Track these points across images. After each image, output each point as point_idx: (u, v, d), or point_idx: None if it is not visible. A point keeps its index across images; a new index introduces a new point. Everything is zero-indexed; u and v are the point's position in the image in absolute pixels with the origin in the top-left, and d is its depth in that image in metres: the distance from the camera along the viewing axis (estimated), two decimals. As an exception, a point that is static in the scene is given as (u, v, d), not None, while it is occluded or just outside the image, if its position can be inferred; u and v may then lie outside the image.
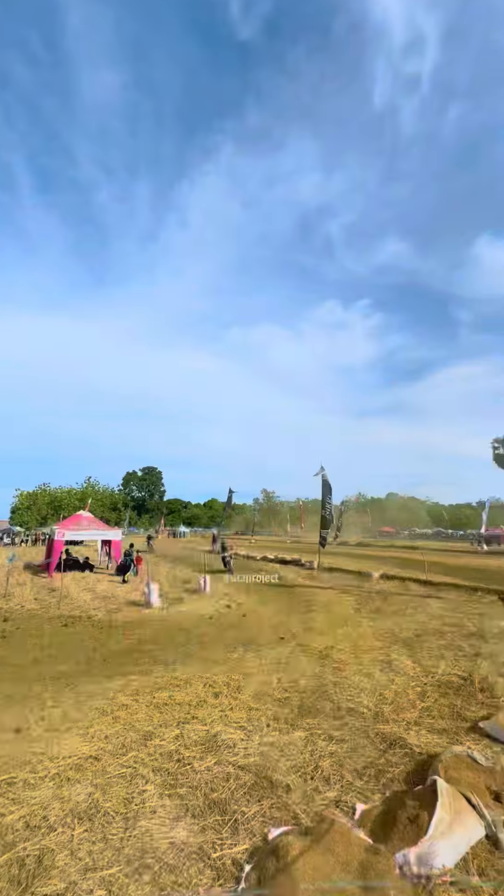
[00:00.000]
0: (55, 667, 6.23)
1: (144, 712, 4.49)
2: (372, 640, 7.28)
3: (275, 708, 4.61)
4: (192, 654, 6.71)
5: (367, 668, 5.86)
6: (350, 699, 4.80)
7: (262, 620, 9.21)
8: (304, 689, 5.12)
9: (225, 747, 3.77)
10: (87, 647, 7.30)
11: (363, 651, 6.67)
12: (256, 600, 11.83)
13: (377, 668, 5.82)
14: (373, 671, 5.71)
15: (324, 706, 4.64)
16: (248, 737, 3.97)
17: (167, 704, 4.69)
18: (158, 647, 7.23)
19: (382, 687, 5.14)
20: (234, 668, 5.90)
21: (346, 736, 3.97)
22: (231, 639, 7.66)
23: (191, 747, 3.77)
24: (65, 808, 2.97)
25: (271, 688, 5.18)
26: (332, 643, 7.11)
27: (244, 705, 4.67)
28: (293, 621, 9.05)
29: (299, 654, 6.56)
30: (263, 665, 6.04)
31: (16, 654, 6.96)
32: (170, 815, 2.87)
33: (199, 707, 4.64)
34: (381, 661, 6.13)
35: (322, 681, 5.39)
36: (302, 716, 4.42)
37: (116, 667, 6.17)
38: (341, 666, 5.94)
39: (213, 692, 5.03)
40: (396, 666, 5.89)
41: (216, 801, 3.02)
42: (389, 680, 5.37)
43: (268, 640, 7.54)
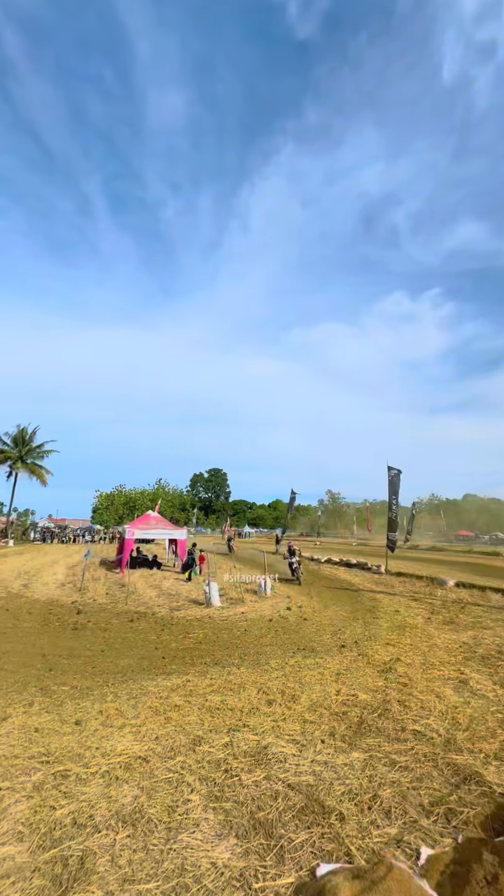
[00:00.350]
0: (118, 661, 6.42)
1: (196, 715, 4.42)
2: (443, 655, 6.64)
3: (331, 722, 4.31)
4: (248, 658, 6.58)
5: (437, 686, 5.32)
6: (417, 720, 4.36)
7: (324, 626, 8.85)
8: (365, 705, 4.75)
9: (275, 761, 3.57)
10: (149, 644, 7.47)
11: (433, 666, 6.09)
12: (318, 604, 11.45)
13: (449, 688, 5.26)
14: (444, 690, 5.16)
15: (386, 726, 4.25)
16: (300, 752, 3.73)
17: (219, 709, 4.58)
18: (216, 648, 7.19)
19: (455, 710, 4.62)
20: (290, 676, 5.67)
21: (410, 763, 3.57)
22: (289, 644, 7.42)
23: (240, 757, 3.61)
24: (111, 808, 2.95)
25: (329, 700, 4.87)
26: (397, 655, 6.60)
27: (298, 716, 4.43)
28: (356, 628, 8.58)
29: (361, 665, 6.15)
30: (321, 674, 5.73)
31: (86, 647, 7.30)
32: (213, 831, 2.73)
33: (251, 714, 4.47)
34: (454, 680, 5.54)
35: (385, 696, 4.97)
36: (361, 734, 4.08)
37: (174, 665, 6.21)
38: (407, 681, 5.46)
39: (267, 699, 4.84)
40: (473, 686, 5.29)
41: (262, 822, 2.82)
42: (464, 702, 4.82)
43: (328, 647, 7.19)
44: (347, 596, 12.92)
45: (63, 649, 7.00)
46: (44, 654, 6.66)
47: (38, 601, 11.53)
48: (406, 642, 7.42)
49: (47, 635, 7.98)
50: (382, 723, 4.32)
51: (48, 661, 6.32)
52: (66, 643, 7.45)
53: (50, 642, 7.46)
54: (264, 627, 8.71)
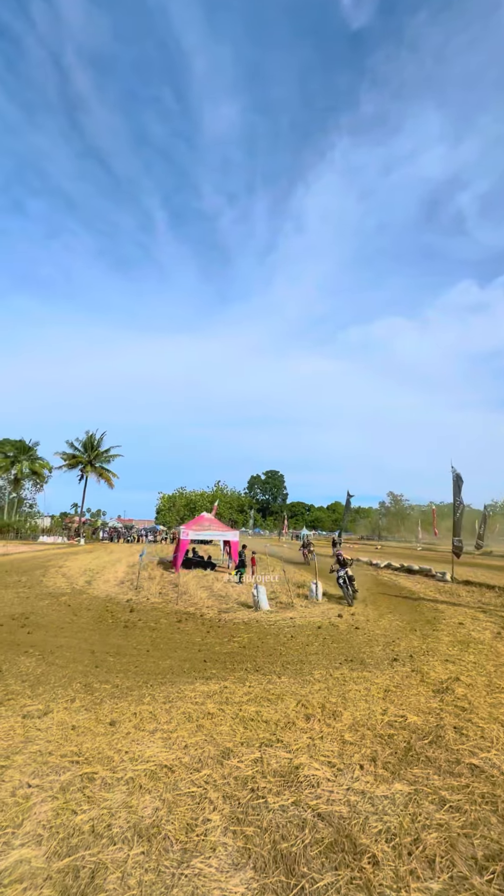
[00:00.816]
0: (161, 662, 6.44)
1: (229, 725, 4.25)
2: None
3: (374, 746, 3.93)
4: (290, 667, 6.30)
5: (502, 713, 4.70)
6: (475, 752, 3.85)
7: (376, 636, 8.31)
8: (415, 729, 4.30)
9: (307, 785, 3.29)
10: (193, 646, 7.45)
11: (499, 690, 5.43)
12: (373, 612, 10.84)
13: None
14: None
15: (437, 756, 3.80)
16: (335, 777, 3.41)
17: (253, 720, 4.37)
18: (258, 654, 6.99)
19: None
20: (333, 689, 5.32)
21: (464, 803, 3.13)
22: (336, 654, 7.03)
23: (269, 777, 3.38)
24: (130, 819, 2.85)
25: (373, 719, 4.48)
26: (457, 673, 5.98)
27: (338, 736, 4.10)
28: (412, 641, 7.96)
29: (414, 682, 5.64)
30: (368, 690, 5.32)
31: (133, 645, 7.43)
32: (230, 859, 2.53)
33: (286, 729, 4.22)
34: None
35: (439, 721, 4.48)
36: (407, 763, 3.67)
37: (214, 669, 6.10)
38: (467, 705, 4.89)
39: (306, 714, 4.55)
40: (545, 717, 4.61)
41: (285, 856, 2.57)
42: (533, 735, 4.20)
43: (378, 660, 6.71)
44: (406, 605, 12.13)
45: (111, 647, 7.18)
46: (93, 650, 6.86)
47: (97, 598, 12.06)
48: (469, 660, 6.73)
49: (99, 632, 8.26)
50: (433, 752, 3.87)
51: (96, 657, 6.49)
52: (115, 640, 7.64)
53: (100, 639, 7.70)
54: (312, 635, 8.36)
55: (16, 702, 4.72)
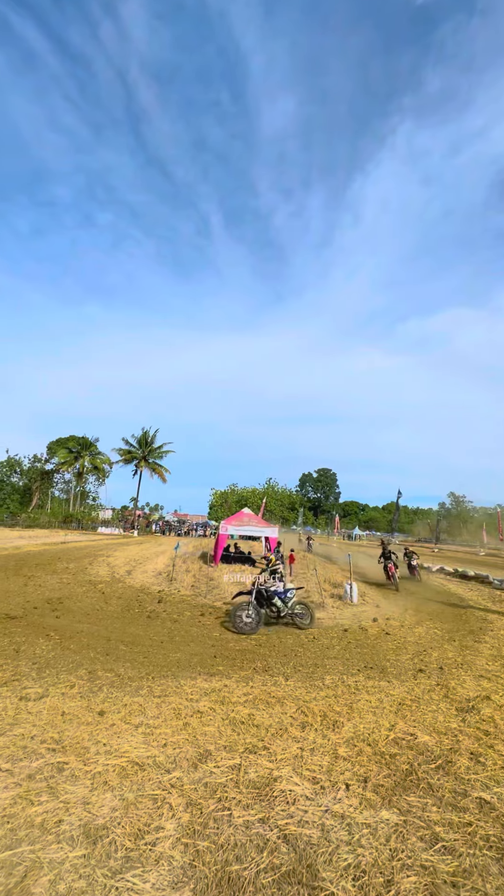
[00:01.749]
0: (172, 654, 6.36)
1: (217, 726, 4.03)
2: None
3: (370, 765, 3.54)
4: (302, 669, 5.95)
5: (533, 741, 4.08)
6: (488, 785, 3.33)
7: (406, 644, 7.71)
8: (424, 750, 3.83)
9: (281, 801, 2.99)
10: (208, 640, 7.32)
11: (536, 714, 4.74)
12: (412, 618, 10.13)
13: (551, 747, 3.99)
14: (542, 749, 3.93)
15: (442, 784, 3.33)
16: (315, 795, 3.08)
17: (244, 723, 4.12)
18: (273, 654, 6.70)
19: (550, 780, 3.44)
20: (341, 697, 4.92)
21: (460, 845, 2.68)
22: (357, 660, 6.57)
23: (242, 787, 3.12)
24: (83, 818, 2.73)
25: (377, 735, 4.05)
26: (489, 692, 5.32)
27: (331, 749, 3.74)
28: (447, 651, 7.28)
29: (436, 697, 5.09)
30: (380, 701, 4.87)
31: (150, 636, 7.45)
32: (170, 876, 2.31)
33: (277, 736, 3.92)
34: None
35: (455, 744, 3.96)
36: (404, 788, 3.25)
37: (221, 666, 5.90)
38: (492, 728, 4.30)
39: (302, 722, 4.22)
40: None
41: (231, 879, 2.31)
42: None
43: (402, 669, 6.17)
44: (451, 612, 11.22)
45: (128, 636, 7.23)
46: (109, 638, 6.94)
47: (131, 587, 12.36)
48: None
49: (122, 620, 8.38)
50: (438, 778, 3.40)
51: (109, 645, 6.55)
52: (134, 630, 7.70)
53: (120, 627, 7.79)
54: (336, 638, 7.93)
55: (19, 683, 4.83)
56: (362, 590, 14.08)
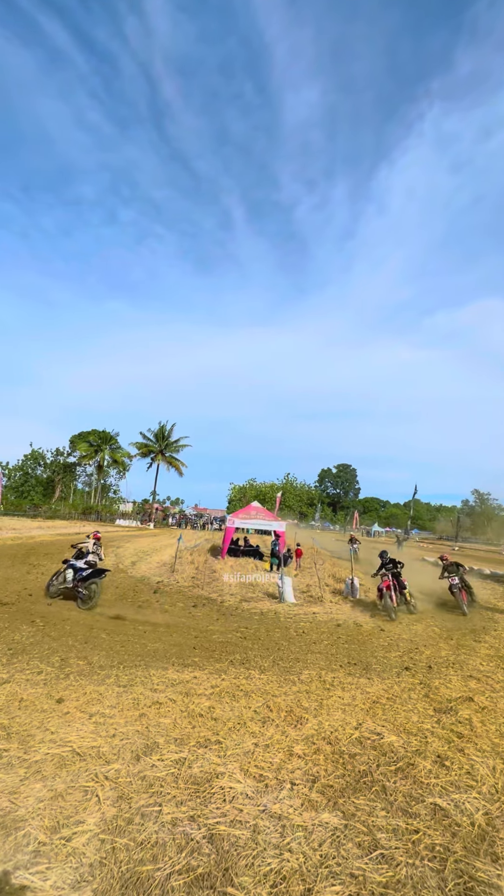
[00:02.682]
0: (152, 644, 6.29)
1: (173, 718, 3.91)
2: (547, 704, 4.85)
3: (326, 764, 3.35)
4: (281, 663, 5.79)
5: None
6: (448, 791, 3.11)
7: (399, 641, 7.44)
8: (387, 750, 3.62)
9: (218, 798, 2.85)
10: (192, 631, 7.23)
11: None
12: (412, 615, 9.80)
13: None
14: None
15: (398, 787, 3.12)
16: (256, 794, 2.92)
17: (202, 716, 3.99)
18: (255, 646, 6.56)
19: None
20: (313, 693, 4.74)
21: (401, 854, 2.48)
22: (341, 655, 6.36)
23: (181, 782, 2.99)
24: (3, 808, 2.64)
25: (340, 733, 3.86)
26: (474, 692, 5.04)
27: (287, 746, 3.57)
28: (441, 650, 6.98)
29: (415, 696, 4.84)
30: (354, 698, 4.66)
31: (135, 625, 7.40)
32: (74, 876, 2.19)
33: (233, 731, 3.77)
34: (542, 743, 3.92)
35: (422, 745, 3.73)
36: (354, 790, 3.05)
37: (197, 658, 5.79)
38: (467, 731, 4.05)
39: (264, 717, 4.06)
40: None
41: (140, 880, 2.18)
42: (540, 780, 3.31)
43: (387, 666, 5.93)
44: (457, 610, 10.82)
45: (113, 625, 7.21)
46: (92, 626, 6.92)
47: (131, 578, 12.41)
48: (499, 679, 5.68)
49: (111, 609, 8.38)
50: (395, 781, 3.19)
51: (91, 634, 6.53)
52: (120, 620, 7.67)
53: (107, 617, 7.78)
54: (326, 632, 7.72)
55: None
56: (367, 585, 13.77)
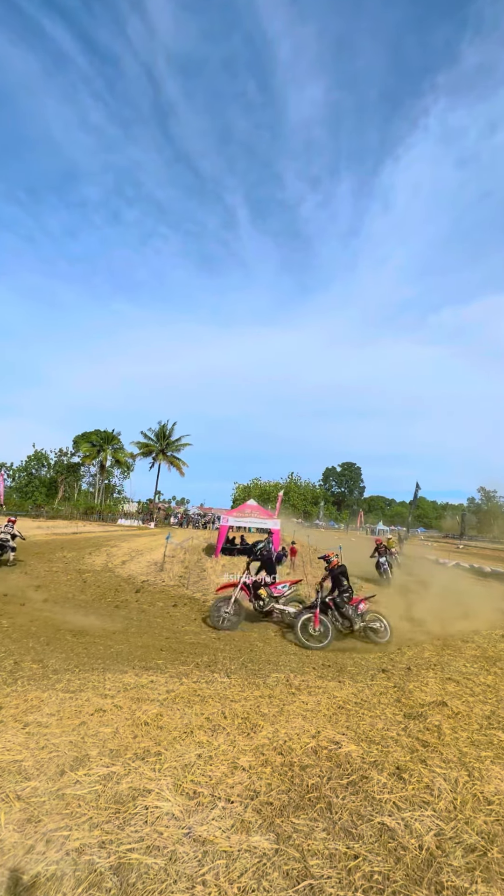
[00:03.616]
0: (118, 646, 6.04)
1: (116, 727, 3.64)
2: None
3: (270, 778, 3.07)
4: (250, 665, 5.51)
5: (476, 760, 3.51)
6: (400, 808, 2.81)
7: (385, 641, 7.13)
8: (343, 762, 3.33)
9: (140, 820, 2.57)
10: (164, 632, 6.97)
11: (499, 726, 4.15)
12: (402, 615, 9.48)
13: (499, 767, 3.42)
14: (486, 770, 3.36)
15: (345, 804, 2.83)
16: (184, 814, 2.65)
17: (147, 724, 3.71)
18: (228, 648, 6.29)
19: (483, 810, 2.88)
20: (276, 698, 4.46)
21: (331, 884, 2.19)
22: (318, 657, 6.07)
23: (101, 801, 2.71)
24: None
25: (295, 742, 3.57)
26: (452, 696, 4.74)
27: (232, 758, 3.29)
28: (425, 650, 6.67)
29: (386, 701, 4.55)
30: (318, 703, 4.37)
31: (105, 626, 7.16)
32: None
33: (178, 741, 3.50)
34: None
35: (382, 755, 3.44)
36: (295, 808, 2.77)
37: (161, 660, 5.51)
38: (435, 739, 3.75)
39: (215, 725, 3.79)
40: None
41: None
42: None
43: (364, 669, 5.64)
44: (448, 609, 10.50)
45: (83, 625, 6.96)
46: (59, 627, 6.68)
47: (118, 576, 12.20)
48: (481, 681, 5.37)
49: (86, 609, 8.14)
50: (344, 797, 2.90)
51: (57, 635, 6.29)
52: (91, 620, 7.43)
53: (80, 616, 7.54)
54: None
55: None
56: (360, 585, 13.45)
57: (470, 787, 3.06)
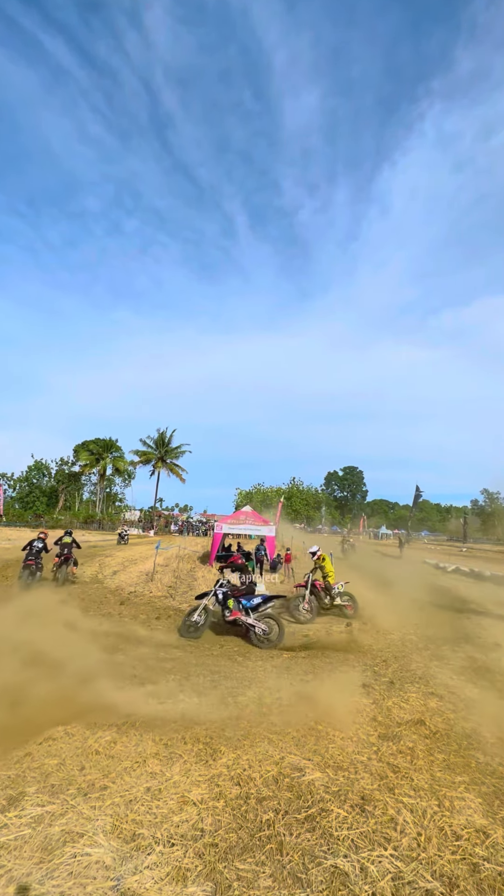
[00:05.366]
0: (89, 663, 5.78)
1: (62, 758, 3.40)
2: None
3: (223, 814, 2.83)
4: (224, 682, 5.25)
5: (449, 788, 3.25)
6: (358, 846, 2.56)
7: (371, 652, 6.86)
8: (305, 792, 3.08)
9: (64, 872, 2.33)
10: (140, 647, 6.70)
11: (476, 746, 3.89)
12: (394, 622, 9.19)
13: (473, 795, 3.16)
14: (458, 799, 3.10)
15: (299, 843, 2.58)
16: (115, 862, 2.40)
17: (98, 753, 3.47)
18: (208, 662, 6.02)
19: (451, 849, 2.63)
20: (244, 718, 4.21)
21: (266, 945, 1.95)
22: (299, 671, 5.81)
23: (26, 849, 2.47)
24: None
25: (259, 769, 3.32)
26: (432, 713, 4.48)
27: (183, 791, 3.04)
28: (412, 662, 6.40)
29: (362, 720, 4.29)
30: (289, 724, 4.11)
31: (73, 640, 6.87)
32: None
33: (129, 771, 3.26)
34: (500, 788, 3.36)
35: (348, 784, 3.19)
36: (245, 850, 2.52)
37: (139, 677, 5.26)
38: (406, 764, 3.50)
39: (171, 752, 3.54)
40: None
41: None
42: (480, 836, 2.75)
43: (345, 683, 5.37)
44: (443, 617, 10.20)
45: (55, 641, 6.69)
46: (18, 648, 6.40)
47: (106, 588, 11.94)
48: (466, 695, 5.11)
49: (60, 623, 7.86)
50: (298, 835, 2.66)
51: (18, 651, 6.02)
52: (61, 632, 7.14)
53: (48, 631, 7.26)
54: (289, 645, 7.15)
55: None
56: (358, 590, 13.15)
57: (437, 820, 2.81)
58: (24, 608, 7.98)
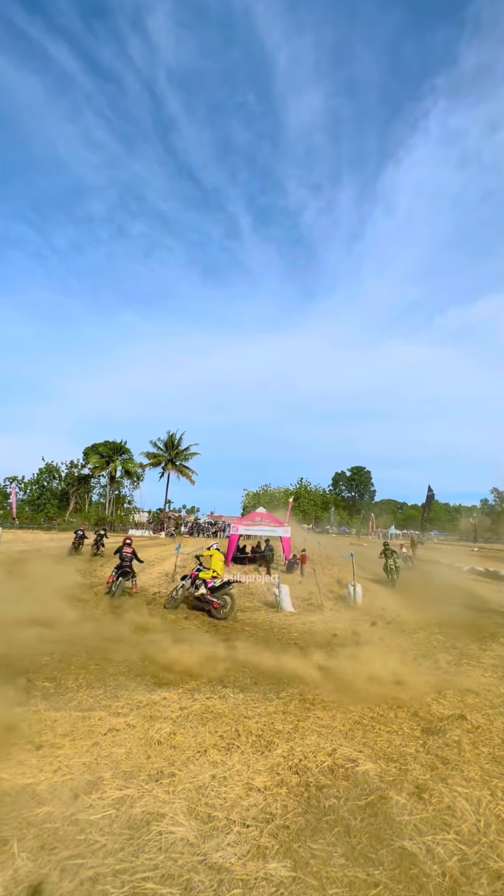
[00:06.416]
0: (129, 662, 5.98)
1: (128, 747, 3.60)
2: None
3: (286, 800, 3.01)
4: (259, 680, 5.43)
5: (501, 775, 3.40)
6: (420, 832, 2.73)
7: (397, 651, 7.00)
8: (361, 781, 3.25)
9: (152, 848, 2.52)
10: (176, 645, 6.88)
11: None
12: (417, 622, 9.32)
13: (522, 782, 3.30)
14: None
15: (364, 827, 2.75)
16: (199, 839, 2.59)
17: (161, 744, 3.67)
18: (238, 661, 6.20)
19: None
20: (291, 713, 4.38)
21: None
22: (334, 670, 5.96)
23: (115, 828, 2.67)
24: None
25: (313, 760, 3.50)
26: (471, 708, 4.62)
27: (248, 778, 3.23)
28: (440, 660, 6.53)
29: (403, 715, 4.44)
30: (334, 718, 4.28)
31: (116, 643, 7.09)
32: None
33: (192, 760, 3.45)
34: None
35: (401, 774, 3.36)
36: (315, 832, 2.70)
37: (175, 675, 5.44)
38: (455, 756, 3.65)
39: (230, 743, 3.73)
40: None
41: None
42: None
43: (374, 679, 5.52)
44: (466, 616, 10.28)
45: (95, 641, 6.91)
46: (72, 642, 6.64)
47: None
48: (501, 692, 5.23)
49: (98, 622, 8.10)
50: (362, 819, 2.83)
51: (70, 650, 6.25)
52: (101, 633, 7.38)
53: (100, 633, 7.50)
54: (318, 643, 7.32)
55: None
56: (373, 591, 13.28)
57: (493, 808, 2.97)
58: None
